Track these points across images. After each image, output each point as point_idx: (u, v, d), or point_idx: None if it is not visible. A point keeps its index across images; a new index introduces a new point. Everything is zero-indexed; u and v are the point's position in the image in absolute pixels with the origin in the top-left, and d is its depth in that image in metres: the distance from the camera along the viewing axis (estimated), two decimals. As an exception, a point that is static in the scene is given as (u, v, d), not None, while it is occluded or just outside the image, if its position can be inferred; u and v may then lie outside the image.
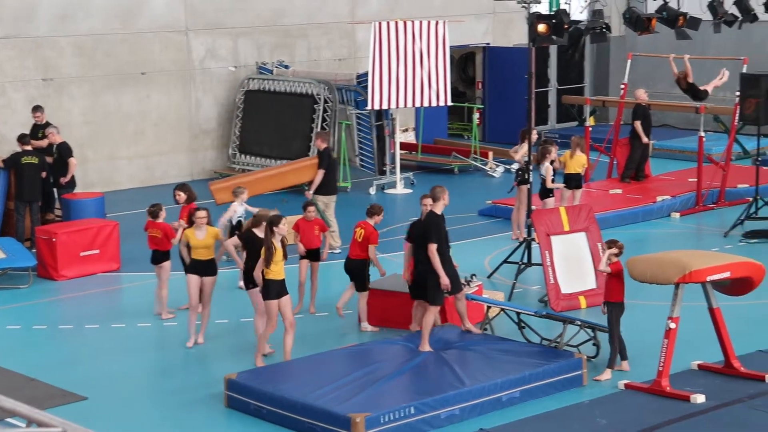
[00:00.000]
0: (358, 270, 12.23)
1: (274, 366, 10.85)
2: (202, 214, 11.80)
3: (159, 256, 12.92)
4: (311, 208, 12.83)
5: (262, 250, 10.85)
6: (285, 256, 10.91)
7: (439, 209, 11.32)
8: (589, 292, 13.24)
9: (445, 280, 11.07)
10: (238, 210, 14.09)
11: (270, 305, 10.91)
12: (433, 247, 11.06)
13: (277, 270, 10.80)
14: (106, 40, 20.26)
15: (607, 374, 10.75)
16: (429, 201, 11.59)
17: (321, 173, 15.24)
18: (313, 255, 12.78)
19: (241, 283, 12.50)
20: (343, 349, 11.28)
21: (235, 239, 11.82)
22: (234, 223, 13.97)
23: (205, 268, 11.77)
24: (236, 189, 14.35)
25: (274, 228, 10.90)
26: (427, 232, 11.17)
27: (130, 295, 14.17)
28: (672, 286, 10.35)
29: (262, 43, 22.04)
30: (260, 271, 10.87)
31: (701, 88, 18.84)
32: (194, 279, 11.76)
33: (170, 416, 10.17)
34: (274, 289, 10.82)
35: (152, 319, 12.88)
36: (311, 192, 15.26)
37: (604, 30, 16.02)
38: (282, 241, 10.87)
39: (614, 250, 10.96)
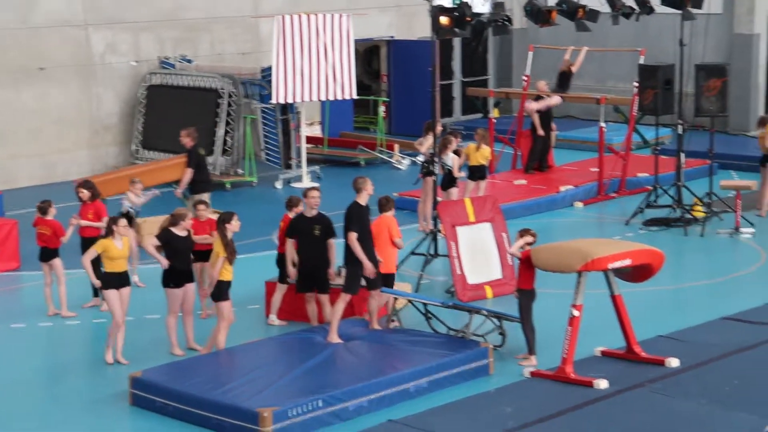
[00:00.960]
0: (282, 263, 12.20)
1: (180, 362, 10.74)
2: (124, 223, 11.41)
3: (48, 254, 12.68)
4: (201, 207, 12.50)
5: (221, 249, 10.76)
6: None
7: (362, 200, 11.39)
8: (495, 282, 13.37)
9: (369, 267, 11.10)
10: (134, 201, 13.80)
11: (226, 306, 10.92)
12: (353, 236, 11.12)
13: (230, 269, 10.85)
14: (1, 35, 19.80)
15: (532, 360, 10.87)
16: (315, 193, 11.62)
17: (189, 172, 14.96)
18: (206, 255, 12.42)
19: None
20: (250, 344, 11.21)
21: (153, 239, 11.50)
22: (123, 212, 13.48)
23: (125, 279, 11.35)
24: (133, 179, 14.13)
25: (227, 225, 10.85)
26: (347, 221, 11.24)
27: (30, 295, 13.87)
28: (575, 274, 10.50)
29: (164, 37, 21.76)
30: (218, 272, 10.81)
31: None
32: (117, 294, 11.14)
33: (73, 416, 10.00)
34: (226, 290, 10.88)
35: (53, 318, 12.64)
36: (180, 191, 15.08)
37: (505, 22, 16.16)
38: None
39: (529, 239, 11.10)
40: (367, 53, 26.02)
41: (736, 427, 9.28)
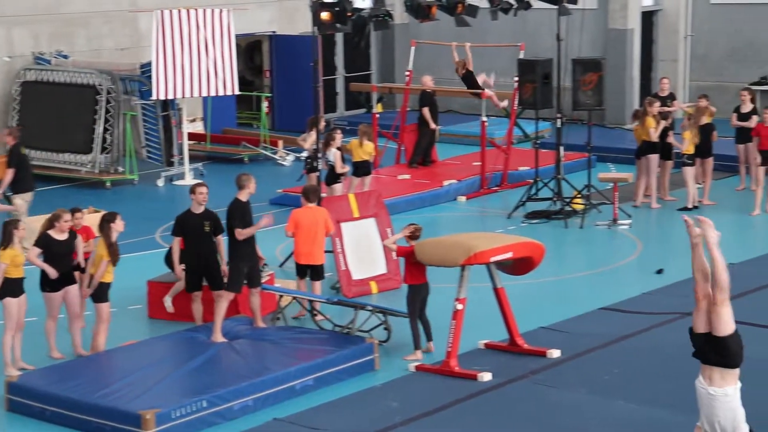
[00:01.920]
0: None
1: (59, 366, 10.51)
2: (23, 225, 10.98)
3: None
4: (78, 215, 12.10)
5: (104, 252, 10.56)
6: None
7: (243, 196, 11.34)
8: (380, 277, 13.41)
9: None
10: None
11: (105, 307, 10.74)
12: (241, 232, 11.12)
13: (112, 271, 10.70)
14: None
15: (417, 355, 10.92)
16: (203, 189, 11.49)
17: (10, 172, 14.58)
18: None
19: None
20: (131, 345, 11.03)
21: (35, 249, 11.08)
22: None
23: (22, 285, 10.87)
24: None
25: (112, 224, 10.61)
26: (231, 218, 11.18)
27: None
28: (458, 268, 10.60)
29: (39, 32, 21.22)
30: (101, 274, 10.60)
31: (478, 78, 19.47)
32: (17, 302, 10.66)
33: (-53, 425, 9.70)
34: (106, 291, 10.72)
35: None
36: (0, 191, 14.78)
37: (386, 18, 16.21)
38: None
39: (405, 232, 11.14)
40: (249, 48, 25.83)
41: (615, 415, 9.49)
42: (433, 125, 19.33)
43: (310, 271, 12.28)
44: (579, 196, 16.78)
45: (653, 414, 9.42)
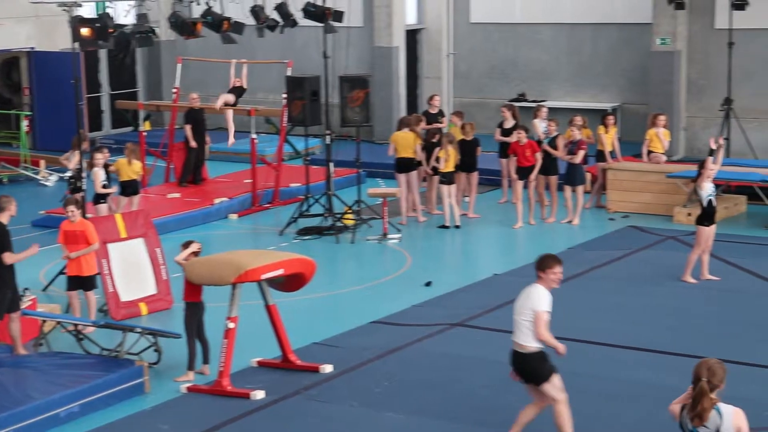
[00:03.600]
0: None
1: None
2: None
3: None
4: None
5: None
6: None
7: (5, 219, 10.93)
8: (150, 298, 13.12)
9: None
10: None
11: None
12: (8, 258, 10.77)
13: None
14: None
15: (189, 376, 10.71)
16: None
17: None
18: None
19: None
20: None
21: None
22: None
23: None
24: None
25: None
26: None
27: None
28: (229, 286, 10.50)
29: None
30: None
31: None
32: None
33: None
34: None
35: None
36: None
37: (150, 34, 15.92)
38: None
39: (194, 247, 10.94)
40: (6, 65, 24.80)
41: (386, 427, 9.61)
42: (193, 143, 19.11)
43: (81, 283, 12.03)
44: (350, 211, 16.97)
45: (423, 423, 9.60)
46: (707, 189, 13.21)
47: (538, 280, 8.76)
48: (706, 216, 13.29)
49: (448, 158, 16.81)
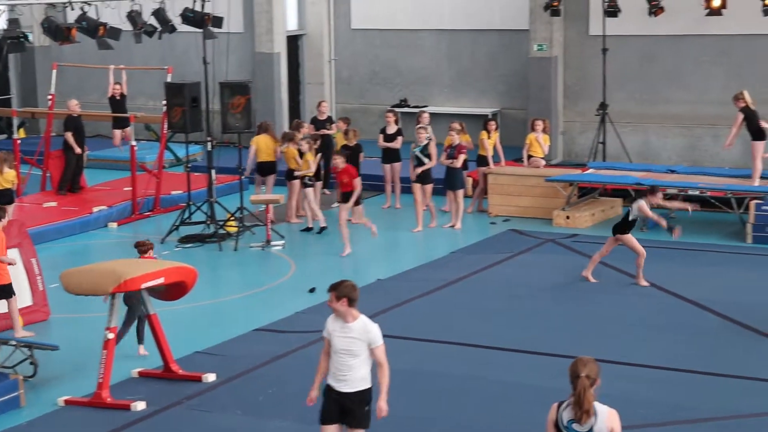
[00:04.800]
0: None
1: None
2: None
3: None
4: None
5: None
6: None
7: None
8: (26, 310, 12.79)
9: None
10: None
11: None
12: None
13: None
14: None
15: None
16: None
17: None
18: None
19: None
20: None
21: None
22: None
23: None
24: None
25: None
26: None
27: None
28: (109, 296, 10.31)
29: None
30: None
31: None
32: None
33: None
34: None
35: None
36: None
37: (22, 39, 15.55)
38: None
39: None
40: None
41: (272, 435, 9.57)
42: (78, 150, 18.76)
43: None
44: (232, 218, 16.83)
45: (307, 430, 9.55)
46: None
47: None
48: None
49: (306, 163, 16.86)
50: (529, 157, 18.55)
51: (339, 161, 16.05)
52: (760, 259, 15.06)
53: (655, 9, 19.91)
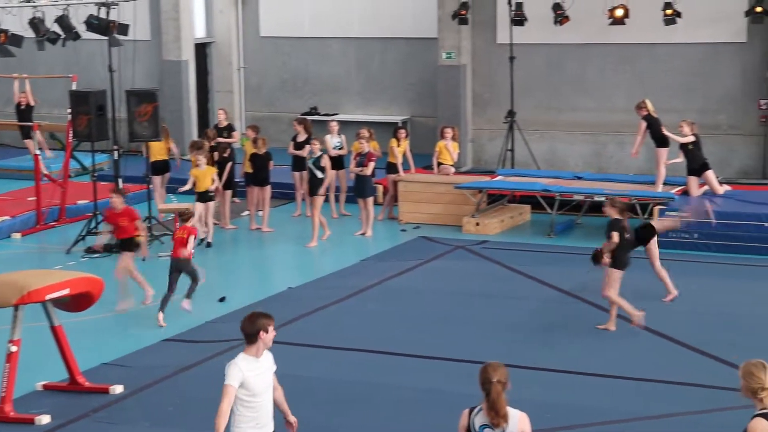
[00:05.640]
0: None
1: None
2: None
3: None
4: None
5: None
6: None
7: None
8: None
9: None
10: None
11: None
12: None
13: None
14: None
15: None
16: None
17: None
18: None
19: None
20: None
21: None
22: None
23: None
24: None
25: None
26: None
27: None
28: (12, 308, 10.09)
29: None
30: None
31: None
32: None
33: None
34: None
35: None
36: None
37: None
38: None
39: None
40: None
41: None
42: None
43: None
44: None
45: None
46: None
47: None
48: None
49: (199, 177, 16.52)
50: (439, 164, 18.67)
51: (117, 201, 13.64)
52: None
53: (560, 18, 20.22)
